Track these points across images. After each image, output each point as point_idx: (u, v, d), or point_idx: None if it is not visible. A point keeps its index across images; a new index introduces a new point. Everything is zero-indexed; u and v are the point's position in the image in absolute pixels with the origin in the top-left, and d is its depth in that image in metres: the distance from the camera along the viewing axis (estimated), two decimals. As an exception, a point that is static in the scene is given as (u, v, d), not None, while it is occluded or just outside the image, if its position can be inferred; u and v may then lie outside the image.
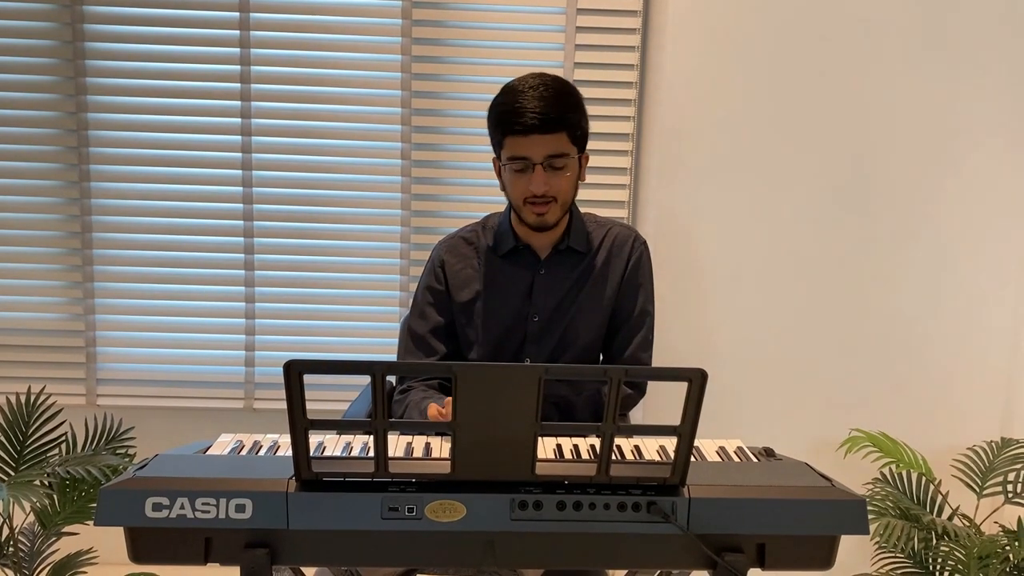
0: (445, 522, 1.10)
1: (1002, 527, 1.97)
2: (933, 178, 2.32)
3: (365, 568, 1.45)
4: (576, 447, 1.29)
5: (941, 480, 2.07)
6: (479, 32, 2.33)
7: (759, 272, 2.35)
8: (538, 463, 1.09)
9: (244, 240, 2.40)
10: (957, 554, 1.92)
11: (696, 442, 1.31)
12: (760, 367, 2.39)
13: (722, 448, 1.33)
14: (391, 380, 1.76)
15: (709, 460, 1.29)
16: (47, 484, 1.85)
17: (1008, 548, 1.88)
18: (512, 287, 1.68)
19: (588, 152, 1.63)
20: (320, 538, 1.11)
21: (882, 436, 2.12)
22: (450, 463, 1.09)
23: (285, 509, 1.09)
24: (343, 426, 1.41)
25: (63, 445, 1.94)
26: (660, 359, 1.84)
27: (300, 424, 1.05)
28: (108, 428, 1.99)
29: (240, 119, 2.34)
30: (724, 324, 2.38)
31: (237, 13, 2.30)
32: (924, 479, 2.06)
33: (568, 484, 1.12)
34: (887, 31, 2.25)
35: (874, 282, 2.36)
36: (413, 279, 2.38)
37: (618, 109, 2.35)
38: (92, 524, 1.22)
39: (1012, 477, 2.06)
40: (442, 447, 1.26)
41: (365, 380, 1.88)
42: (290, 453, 1.09)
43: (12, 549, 1.85)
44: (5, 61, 2.30)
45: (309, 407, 1.05)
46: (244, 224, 2.39)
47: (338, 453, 1.24)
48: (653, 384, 1.86)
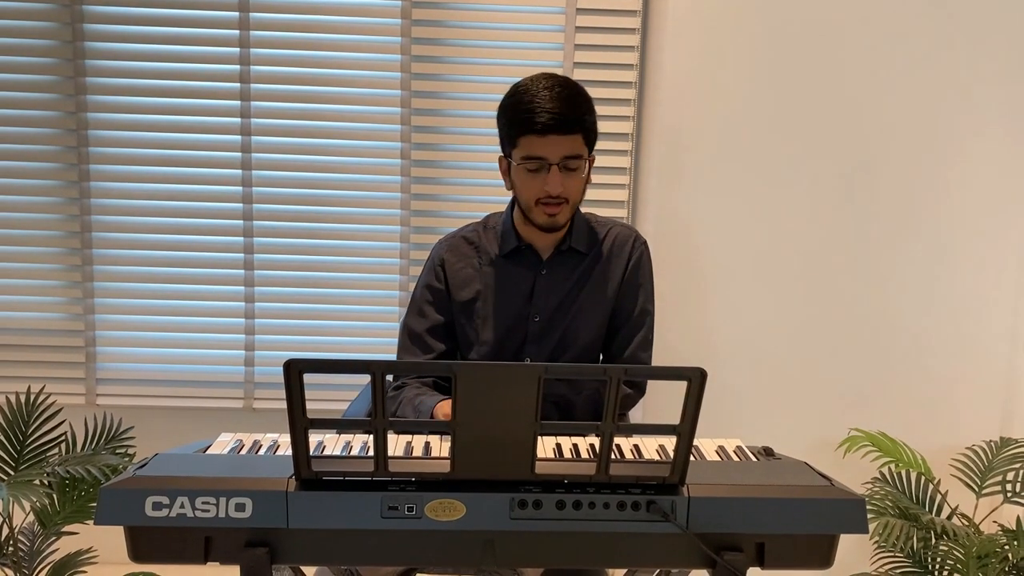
0: (445, 521, 1.10)
1: (1001, 526, 1.97)
2: (933, 178, 2.32)
3: (365, 567, 1.45)
4: (576, 446, 1.29)
5: (940, 479, 2.08)
6: (479, 32, 2.34)
7: (759, 272, 2.36)
8: (538, 462, 1.10)
9: (244, 240, 2.40)
10: (956, 553, 1.92)
11: (695, 441, 1.31)
12: (760, 366, 2.39)
13: (721, 447, 1.34)
14: (391, 379, 1.76)
15: (708, 459, 1.29)
16: (47, 484, 1.85)
17: (1007, 547, 1.88)
18: (514, 287, 1.68)
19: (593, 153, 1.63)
20: (320, 537, 1.11)
21: (881, 436, 2.12)
22: (450, 462, 1.09)
23: (285, 508, 1.09)
24: (343, 425, 1.41)
25: (63, 445, 1.94)
26: (660, 359, 1.84)
27: (300, 423, 1.06)
28: (108, 428, 1.99)
29: (240, 119, 2.35)
30: (724, 324, 2.38)
31: (237, 13, 2.30)
32: (923, 478, 2.07)
33: (568, 483, 1.12)
34: (887, 31, 2.25)
35: (873, 282, 2.36)
36: (413, 279, 2.38)
37: (618, 109, 2.35)
38: (92, 523, 1.22)
39: (1011, 476, 2.06)
40: (442, 446, 1.26)
41: (365, 379, 1.89)
42: (290, 452, 1.09)
43: (12, 549, 1.85)
44: (5, 61, 2.30)
45: (309, 407, 1.06)
46: (244, 224, 2.39)
47: (338, 452, 1.24)
48: (653, 383, 1.86)
